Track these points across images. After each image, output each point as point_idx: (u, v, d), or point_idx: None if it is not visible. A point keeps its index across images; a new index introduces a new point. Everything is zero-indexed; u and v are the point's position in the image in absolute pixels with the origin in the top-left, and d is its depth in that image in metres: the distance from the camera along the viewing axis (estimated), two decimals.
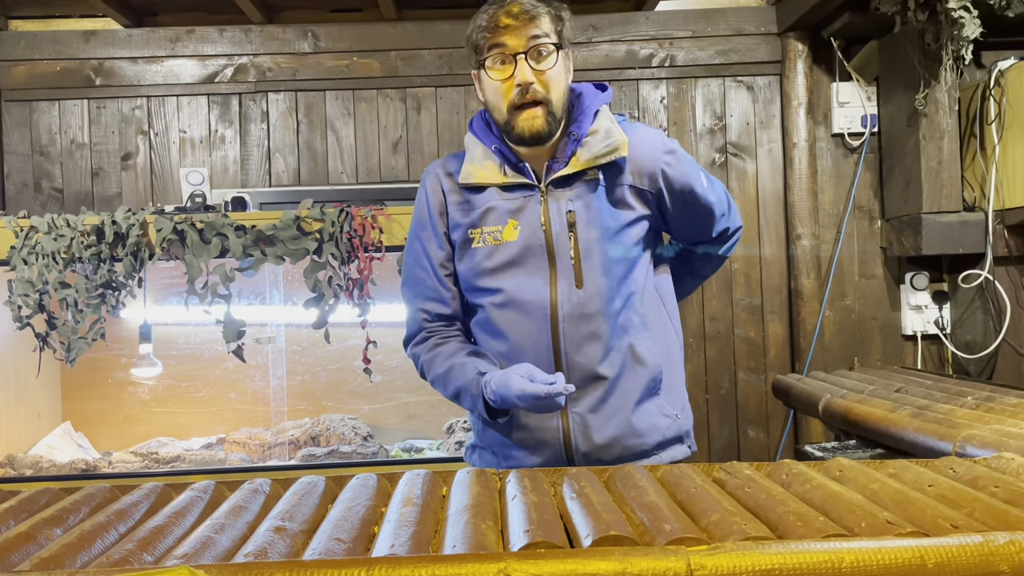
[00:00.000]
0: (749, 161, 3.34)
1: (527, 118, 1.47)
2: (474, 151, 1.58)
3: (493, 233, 1.52)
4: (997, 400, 1.92)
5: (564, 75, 1.51)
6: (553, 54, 1.47)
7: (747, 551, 0.84)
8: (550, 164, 1.54)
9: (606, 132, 1.53)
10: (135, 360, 2.81)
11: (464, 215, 1.56)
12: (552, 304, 1.50)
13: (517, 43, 1.45)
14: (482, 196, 1.55)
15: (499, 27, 1.45)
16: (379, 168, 3.31)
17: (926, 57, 2.89)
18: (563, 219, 1.51)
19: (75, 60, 3.27)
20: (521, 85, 1.46)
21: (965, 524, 0.93)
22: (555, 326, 1.50)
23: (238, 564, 0.85)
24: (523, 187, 1.54)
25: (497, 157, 1.55)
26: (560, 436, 1.51)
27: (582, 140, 1.52)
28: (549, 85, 1.47)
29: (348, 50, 3.29)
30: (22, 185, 3.27)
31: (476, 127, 1.61)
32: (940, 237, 2.96)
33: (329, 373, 3.11)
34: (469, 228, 1.54)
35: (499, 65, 1.48)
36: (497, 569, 0.82)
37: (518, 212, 1.52)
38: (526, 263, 1.51)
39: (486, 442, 1.61)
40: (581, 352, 1.50)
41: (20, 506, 1.13)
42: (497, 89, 1.49)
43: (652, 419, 1.55)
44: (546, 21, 1.47)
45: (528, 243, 1.51)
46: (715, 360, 3.33)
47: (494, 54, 1.47)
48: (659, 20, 3.33)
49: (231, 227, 2.48)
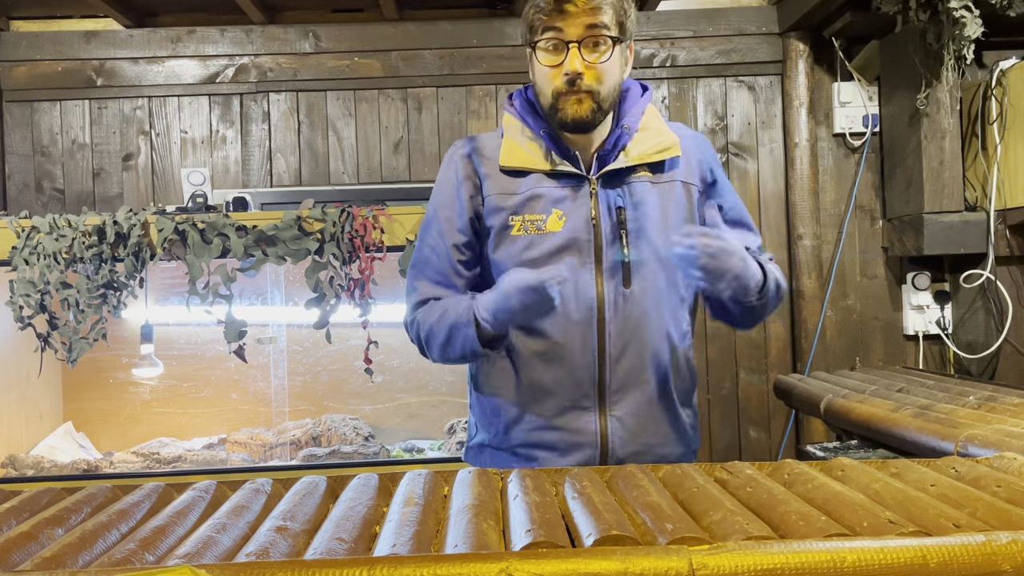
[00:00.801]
0: (750, 161, 3.34)
1: (573, 103, 1.40)
2: (517, 133, 1.50)
3: (536, 222, 1.44)
4: (999, 400, 1.92)
5: (619, 69, 1.44)
6: (610, 48, 1.40)
7: (749, 551, 0.84)
8: (600, 155, 1.47)
9: (657, 130, 1.49)
10: (136, 360, 2.81)
11: (504, 199, 1.47)
12: (599, 303, 1.43)
13: (574, 30, 1.38)
14: (525, 181, 1.47)
15: (556, 10, 1.38)
16: (380, 168, 3.31)
17: (928, 57, 2.89)
18: (613, 215, 1.45)
19: (76, 60, 3.27)
20: (569, 74, 1.39)
21: (967, 524, 0.93)
22: (601, 326, 1.44)
23: (240, 564, 0.85)
24: (571, 176, 1.46)
25: (545, 141, 1.47)
26: (598, 439, 1.45)
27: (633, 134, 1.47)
28: (601, 77, 1.40)
29: (349, 50, 3.30)
30: (23, 185, 3.28)
31: (519, 107, 1.52)
32: (942, 237, 2.96)
33: (330, 373, 3.11)
34: (511, 215, 1.46)
35: (551, 49, 1.40)
36: (499, 569, 0.82)
37: (565, 202, 1.45)
38: (571, 257, 1.44)
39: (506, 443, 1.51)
40: (627, 354, 1.45)
41: (22, 506, 1.13)
42: (546, 75, 1.42)
43: (686, 428, 1.53)
44: (608, 11, 1.39)
45: (575, 235, 1.44)
46: (716, 360, 3.33)
47: (547, 37, 1.40)
48: (660, 20, 3.32)
49: (232, 227, 2.48)
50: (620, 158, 1.46)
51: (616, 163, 1.46)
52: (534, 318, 1.36)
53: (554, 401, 1.45)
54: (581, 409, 1.45)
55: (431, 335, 1.48)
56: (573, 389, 1.44)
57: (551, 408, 1.45)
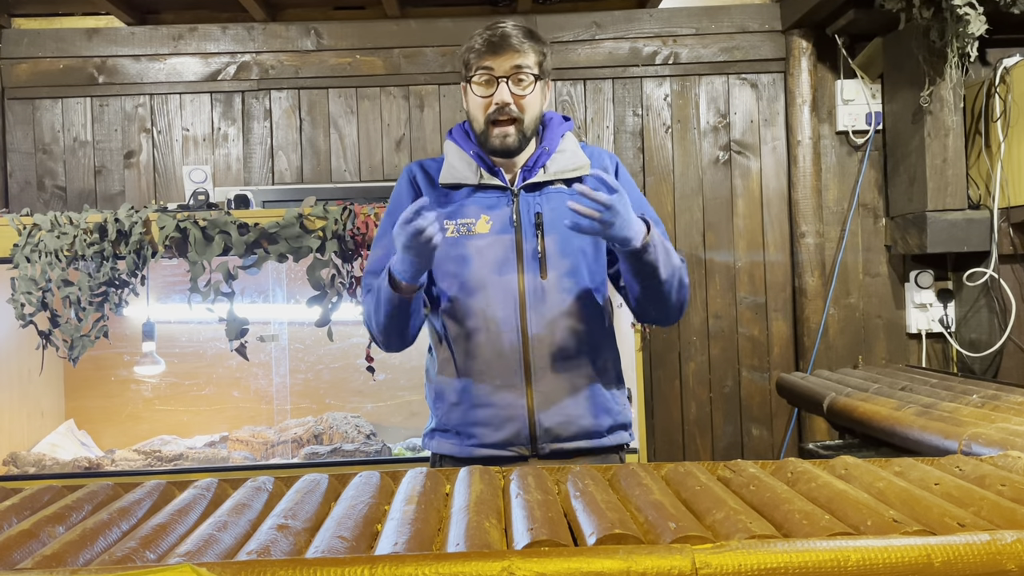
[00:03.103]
0: (753, 159, 3.34)
1: (500, 135, 1.67)
2: (453, 155, 1.76)
3: (467, 224, 1.69)
4: (1003, 398, 1.91)
5: (539, 102, 1.71)
6: (532, 84, 1.67)
7: (752, 549, 0.83)
8: (523, 170, 1.73)
9: (573, 152, 1.75)
10: (138, 358, 2.81)
11: (441, 208, 1.71)
12: (520, 292, 1.65)
13: (501, 69, 1.65)
14: (458, 194, 1.73)
15: (488, 52, 1.66)
16: (382, 166, 3.31)
17: (931, 54, 2.88)
18: (531, 218, 1.68)
19: (78, 58, 3.27)
20: (499, 104, 1.65)
21: (972, 522, 0.93)
22: (523, 312, 1.65)
23: (241, 562, 0.84)
24: (496, 189, 1.72)
25: (475, 161, 1.73)
26: (526, 413, 1.65)
27: (551, 155, 1.73)
28: (524, 107, 1.67)
29: (351, 48, 3.29)
30: (25, 183, 3.28)
31: (456, 135, 1.79)
32: (945, 235, 2.95)
33: (332, 371, 3.11)
34: (444, 219, 1.69)
35: (483, 84, 1.67)
36: (501, 567, 0.81)
37: (491, 209, 1.70)
38: (495, 254, 1.67)
39: (449, 423, 1.71)
40: (546, 335, 1.65)
41: (23, 504, 1.13)
42: (479, 104, 1.68)
43: (606, 404, 1.71)
44: (530, 55, 1.67)
45: (499, 236, 1.67)
46: (719, 358, 3.32)
47: (480, 74, 1.67)
48: (663, 17, 3.32)
49: (234, 225, 2.48)
50: (540, 173, 1.72)
51: (536, 177, 1.72)
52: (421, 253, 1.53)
53: (487, 381, 1.66)
54: (510, 387, 1.65)
55: (370, 310, 1.69)
56: (503, 369, 1.65)
57: (485, 388, 1.66)
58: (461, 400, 1.69)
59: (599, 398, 1.70)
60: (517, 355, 1.64)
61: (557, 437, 1.66)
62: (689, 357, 3.32)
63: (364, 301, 1.74)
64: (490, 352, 1.65)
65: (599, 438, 1.69)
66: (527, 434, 1.65)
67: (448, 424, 1.71)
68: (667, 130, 3.34)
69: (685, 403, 3.32)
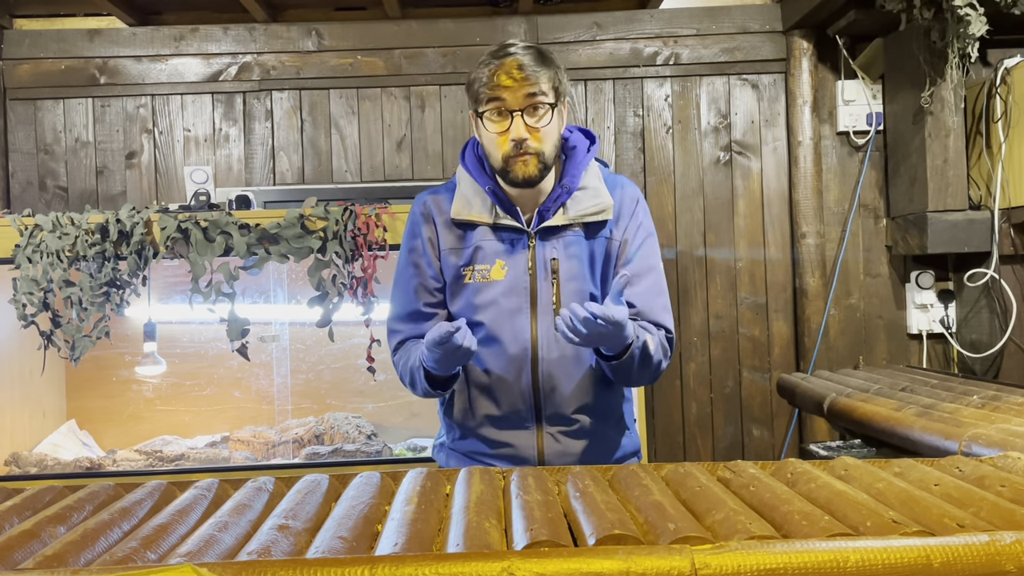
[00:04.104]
0: (754, 159, 3.34)
1: (521, 165, 1.57)
2: (466, 188, 1.67)
3: (482, 271, 1.64)
4: (1003, 399, 1.91)
5: (557, 129, 1.62)
6: (548, 112, 1.57)
7: (752, 550, 0.83)
8: (540, 210, 1.64)
9: (594, 191, 1.66)
10: (139, 358, 2.81)
11: (456, 255, 1.67)
12: (533, 342, 1.63)
13: (515, 100, 1.55)
14: (473, 234, 1.66)
15: (499, 85, 1.54)
16: (383, 166, 3.31)
17: (932, 55, 2.88)
18: (547, 265, 1.62)
19: (80, 59, 3.28)
20: (516, 140, 1.55)
21: (971, 523, 0.93)
22: (535, 363, 1.63)
23: (241, 562, 0.85)
24: (512, 230, 1.65)
25: (490, 198, 1.64)
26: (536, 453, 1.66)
27: (572, 194, 1.64)
28: (542, 139, 1.57)
29: (352, 48, 3.29)
30: (27, 183, 3.28)
31: (469, 163, 1.69)
32: (946, 236, 2.95)
33: (333, 371, 3.11)
34: (462, 267, 1.66)
35: (496, 118, 1.57)
36: (501, 568, 0.82)
37: (506, 254, 1.64)
38: (510, 302, 1.63)
39: (461, 449, 1.73)
40: (558, 387, 1.64)
41: (24, 504, 1.14)
42: (494, 140, 1.58)
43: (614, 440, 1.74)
44: (544, 81, 1.56)
45: (513, 284, 1.63)
46: (719, 359, 3.32)
47: (492, 107, 1.56)
48: (663, 18, 3.32)
49: (235, 225, 2.48)
50: (558, 215, 1.64)
51: (554, 219, 1.64)
52: (457, 362, 1.55)
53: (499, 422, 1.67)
54: (522, 429, 1.66)
55: (404, 376, 1.72)
56: (514, 414, 1.66)
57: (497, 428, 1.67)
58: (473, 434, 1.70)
59: (610, 442, 1.72)
60: (527, 402, 1.65)
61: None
62: (690, 357, 3.32)
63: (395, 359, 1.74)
64: (501, 398, 1.66)
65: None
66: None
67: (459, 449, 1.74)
68: (668, 131, 3.34)
69: (686, 403, 3.32)
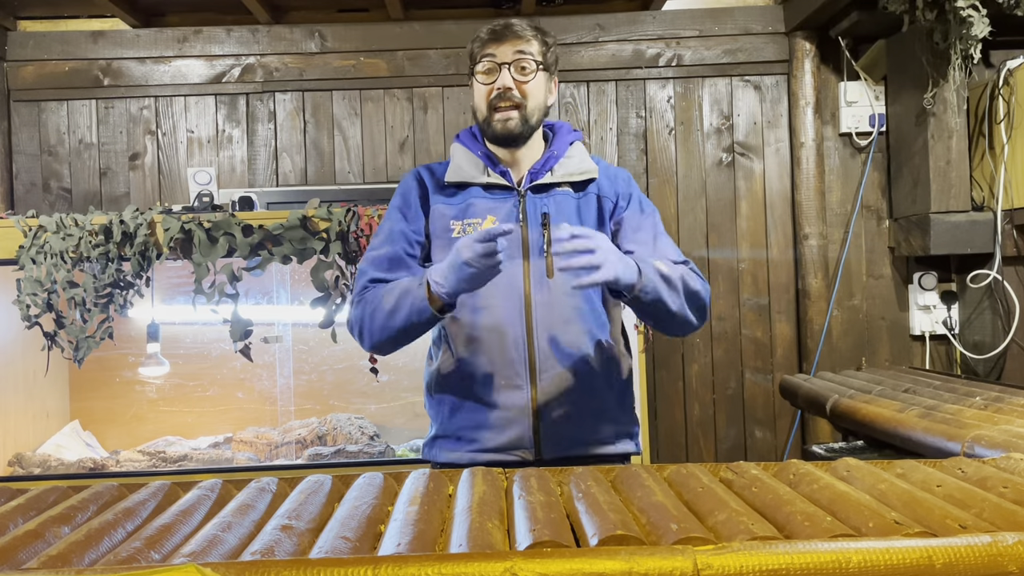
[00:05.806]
0: (756, 161, 3.34)
1: (501, 119, 1.66)
2: (460, 156, 1.74)
3: (473, 224, 1.66)
4: (1006, 401, 1.91)
5: (542, 91, 1.70)
6: (535, 71, 1.67)
7: (754, 551, 0.84)
8: (531, 172, 1.71)
9: (580, 158, 1.74)
10: (143, 359, 2.82)
11: (448, 207, 1.70)
12: (526, 291, 1.64)
13: (503, 55, 1.65)
14: (465, 192, 1.71)
15: (492, 40, 1.66)
16: (386, 168, 3.31)
17: (934, 56, 2.88)
18: (538, 217, 1.66)
19: (83, 60, 3.28)
20: (500, 88, 1.65)
21: (973, 524, 0.93)
22: (528, 310, 1.63)
23: (245, 562, 0.85)
24: (503, 188, 1.70)
25: (483, 160, 1.71)
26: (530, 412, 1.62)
27: (559, 159, 1.72)
28: (526, 93, 1.66)
29: (355, 50, 3.30)
30: (31, 185, 3.29)
31: (463, 138, 1.78)
32: (948, 237, 2.95)
33: (336, 372, 3.11)
34: (452, 219, 1.68)
35: (486, 71, 1.67)
36: (503, 568, 0.82)
37: (497, 208, 1.68)
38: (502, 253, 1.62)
39: (451, 429, 1.68)
40: (551, 333, 1.63)
41: (28, 504, 1.14)
42: (482, 92, 1.68)
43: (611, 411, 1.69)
44: (534, 43, 1.67)
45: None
46: (722, 360, 3.32)
47: (484, 62, 1.67)
48: (666, 19, 3.32)
49: (238, 227, 2.48)
50: (547, 175, 1.71)
51: (543, 179, 1.70)
52: (482, 276, 1.49)
53: (491, 381, 1.64)
54: (514, 387, 1.63)
55: (377, 308, 1.61)
56: (507, 368, 1.62)
57: (488, 389, 1.64)
58: (463, 403, 1.66)
59: (606, 403, 1.68)
60: (521, 353, 1.62)
61: (560, 440, 1.63)
62: (692, 359, 3.32)
63: (362, 298, 1.64)
64: (494, 350, 1.62)
65: (604, 445, 1.67)
66: (530, 437, 1.62)
67: (449, 430, 1.68)
68: (670, 132, 3.34)
69: (688, 405, 3.32)
